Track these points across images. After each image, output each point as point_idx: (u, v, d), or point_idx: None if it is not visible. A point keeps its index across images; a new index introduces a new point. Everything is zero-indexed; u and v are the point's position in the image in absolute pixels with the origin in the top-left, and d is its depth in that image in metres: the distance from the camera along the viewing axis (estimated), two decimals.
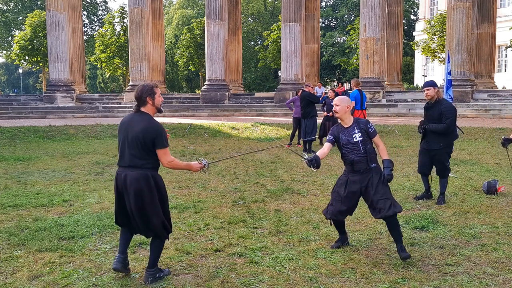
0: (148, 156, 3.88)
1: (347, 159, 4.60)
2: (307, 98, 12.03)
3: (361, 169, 4.54)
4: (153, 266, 4.00)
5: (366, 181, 4.52)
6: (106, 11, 53.37)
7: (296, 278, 4.05)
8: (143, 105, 3.95)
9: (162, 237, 4.01)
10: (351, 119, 4.67)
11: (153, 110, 3.98)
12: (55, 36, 25.07)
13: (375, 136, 4.62)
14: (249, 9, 58.72)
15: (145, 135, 3.83)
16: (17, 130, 16.41)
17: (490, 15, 26.19)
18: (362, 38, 23.71)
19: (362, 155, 4.52)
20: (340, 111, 4.60)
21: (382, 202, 4.41)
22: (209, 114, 23.98)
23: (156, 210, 3.93)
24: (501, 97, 22.28)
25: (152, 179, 3.90)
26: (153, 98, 3.94)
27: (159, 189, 3.96)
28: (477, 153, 11.30)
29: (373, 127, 4.64)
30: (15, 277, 4.11)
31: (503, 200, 6.66)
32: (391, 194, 4.56)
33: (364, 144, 4.54)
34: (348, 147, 4.57)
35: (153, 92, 3.95)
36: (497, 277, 4.03)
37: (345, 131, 4.62)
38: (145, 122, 3.89)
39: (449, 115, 6.30)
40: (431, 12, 44.68)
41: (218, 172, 9.15)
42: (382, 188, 4.47)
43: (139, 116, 3.94)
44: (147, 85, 3.99)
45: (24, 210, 6.36)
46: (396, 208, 4.41)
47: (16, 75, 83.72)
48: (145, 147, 3.85)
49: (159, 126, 3.91)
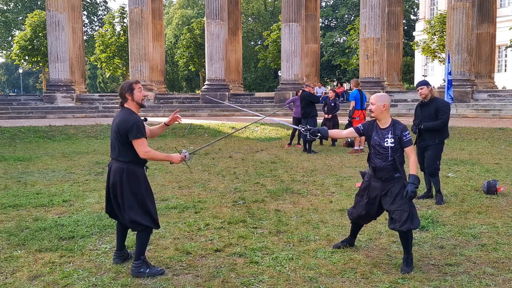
0: (125, 149, 4.05)
1: (372, 162, 4.35)
2: (307, 98, 12.03)
3: (383, 177, 4.27)
4: (137, 259, 4.12)
5: (386, 190, 4.27)
6: (106, 11, 53.36)
7: (296, 278, 4.04)
8: (125, 101, 4.17)
9: (139, 230, 4.10)
10: (388, 120, 4.31)
11: (135, 105, 4.16)
12: (55, 36, 25.06)
13: (409, 146, 4.24)
14: (249, 9, 58.71)
15: (120, 128, 4.03)
16: (17, 130, 16.41)
17: (490, 15, 26.19)
18: (362, 38, 23.70)
19: (389, 163, 4.22)
20: (376, 110, 4.29)
21: (399, 213, 4.14)
22: (209, 114, 23.98)
23: (129, 203, 4.04)
24: (501, 97, 22.27)
25: (125, 172, 4.03)
26: (132, 94, 4.12)
27: (132, 182, 4.03)
28: (477, 153, 11.30)
29: (409, 136, 4.26)
30: (15, 277, 4.11)
31: (503, 200, 6.66)
32: (413, 207, 4.24)
33: (394, 151, 4.22)
34: (376, 149, 4.29)
35: (131, 88, 4.13)
36: (497, 277, 4.03)
37: (379, 131, 4.30)
38: (121, 116, 4.10)
39: (445, 110, 6.52)
40: (431, 12, 44.68)
41: (218, 172, 9.15)
42: (401, 199, 4.17)
43: (120, 112, 4.19)
44: (127, 82, 4.20)
45: (24, 210, 6.36)
46: (412, 224, 4.14)
47: (16, 75, 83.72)
48: (121, 140, 4.05)
49: (133, 118, 4.04)
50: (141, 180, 4.11)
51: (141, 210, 4.07)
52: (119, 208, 4.12)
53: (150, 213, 4.11)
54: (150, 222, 4.11)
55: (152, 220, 4.12)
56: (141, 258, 4.12)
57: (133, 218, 4.05)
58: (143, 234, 4.13)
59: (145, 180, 4.16)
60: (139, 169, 4.12)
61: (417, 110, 6.78)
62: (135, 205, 4.05)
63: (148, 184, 4.20)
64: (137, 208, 4.05)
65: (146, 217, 4.08)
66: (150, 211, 4.11)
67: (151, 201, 4.16)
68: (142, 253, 4.14)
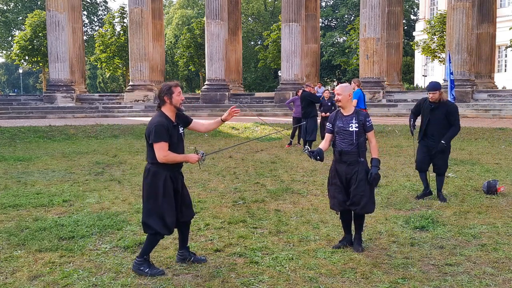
0: (150, 150, 4.07)
1: (337, 147, 4.66)
2: (307, 98, 12.03)
3: (348, 160, 4.59)
4: (140, 256, 4.16)
5: (351, 173, 4.59)
6: (106, 11, 53.36)
7: (296, 278, 4.04)
8: (163, 104, 4.09)
9: (149, 233, 4.13)
10: (352, 108, 4.69)
11: (172, 109, 4.09)
12: (55, 36, 25.07)
13: (371, 131, 4.66)
14: (249, 9, 58.72)
15: (147, 131, 4.07)
16: (17, 130, 16.41)
17: (490, 15, 26.20)
18: (362, 38, 23.70)
19: (353, 147, 4.57)
20: (343, 99, 4.63)
21: (359, 197, 4.56)
22: (209, 114, 23.97)
23: (145, 205, 4.10)
24: (501, 97, 22.28)
25: (148, 173, 4.07)
26: (171, 97, 4.04)
27: (152, 184, 4.04)
28: (477, 153, 11.29)
29: (371, 121, 4.68)
30: (15, 277, 4.11)
31: (503, 200, 6.66)
32: (372, 193, 4.66)
33: (358, 135, 4.57)
34: (341, 135, 4.62)
35: (171, 91, 4.05)
36: (497, 277, 4.03)
37: (343, 118, 4.66)
38: (151, 119, 4.11)
39: (456, 115, 6.55)
40: (431, 12, 44.68)
41: (218, 172, 9.15)
42: (364, 185, 4.55)
43: (154, 114, 4.16)
44: (166, 85, 4.12)
45: (24, 210, 6.36)
46: (367, 209, 4.61)
47: (16, 75, 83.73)
48: (148, 142, 4.08)
49: (156, 121, 4.01)
50: (161, 182, 4.03)
51: (155, 213, 4.04)
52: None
53: (163, 217, 4.05)
54: (161, 227, 4.06)
55: (165, 225, 4.06)
56: (144, 256, 4.14)
57: (144, 220, 4.06)
58: (152, 237, 4.13)
59: (166, 183, 4.05)
60: (162, 171, 4.04)
61: (425, 110, 6.64)
62: (150, 208, 4.04)
63: (171, 188, 4.09)
64: (152, 211, 4.03)
65: (159, 221, 4.04)
66: (164, 216, 4.05)
67: (169, 205, 4.06)
68: (146, 253, 4.15)
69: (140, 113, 24.41)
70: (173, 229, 4.18)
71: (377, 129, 4.32)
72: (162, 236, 4.18)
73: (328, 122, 4.79)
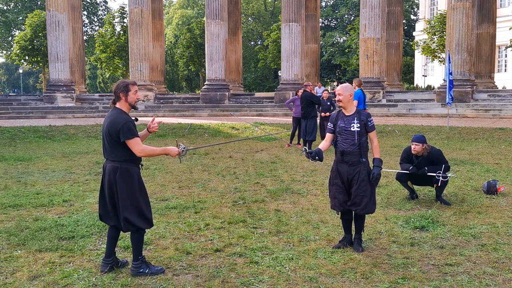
0: (117, 149, 4.01)
1: (339, 148, 4.66)
2: (308, 98, 12.03)
3: (350, 160, 4.60)
4: (135, 259, 4.12)
5: (352, 174, 4.60)
6: (106, 11, 53.32)
7: (296, 278, 4.04)
8: (118, 100, 4.13)
9: (132, 231, 4.10)
10: (353, 108, 4.69)
11: (127, 106, 4.11)
12: (55, 36, 25.06)
13: (372, 131, 4.66)
14: (249, 9, 58.70)
15: (110, 129, 3.99)
16: (17, 130, 16.41)
17: (490, 15, 26.19)
18: (362, 38, 23.69)
19: (355, 147, 4.56)
20: (344, 99, 4.63)
21: (359, 198, 4.57)
22: (209, 114, 23.98)
23: (123, 203, 4.01)
24: (501, 97, 22.27)
25: (119, 171, 4.00)
26: (126, 95, 4.07)
27: (126, 182, 4.01)
28: (477, 153, 11.29)
29: (373, 122, 4.68)
30: (15, 277, 4.11)
31: (503, 200, 6.66)
32: (373, 193, 4.68)
33: (360, 136, 4.57)
34: (343, 135, 4.61)
35: (127, 88, 4.08)
36: (497, 277, 4.03)
37: (344, 118, 4.65)
38: (111, 117, 4.06)
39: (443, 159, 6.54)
40: (431, 12, 44.67)
41: (218, 172, 9.15)
42: (365, 185, 4.57)
43: (111, 112, 4.14)
44: (124, 81, 4.14)
45: (24, 210, 6.36)
46: (368, 209, 4.62)
47: (16, 75, 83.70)
48: (111, 140, 4.01)
49: (122, 118, 4.00)
50: (135, 179, 4.07)
51: (134, 210, 4.04)
52: (115, 209, 4.07)
53: (143, 213, 4.08)
54: (143, 223, 4.08)
55: (145, 220, 4.10)
56: (139, 258, 4.12)
57: (126, 217, 4.03)
58: (136, 235, 4.12)
59: (139, 179, 4.12)
60: (133, 168, 4.08)
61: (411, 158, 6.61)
62: (129, 205, 4.02)
63: (142, 183, 4.16)
64: (131, 208, 4.03)
65: (139, 217, 4.06)
66: (143, 211, 4.09)
67: (145, 200, 4.13)
68: (139, 254, 4.14)
69: (140, 113, 24.38)
70: (152, 222, 4.22)
71: (377, 129, 4.35)
72: (145, 231, 4.21)
73: (330, 122, 4.79)
